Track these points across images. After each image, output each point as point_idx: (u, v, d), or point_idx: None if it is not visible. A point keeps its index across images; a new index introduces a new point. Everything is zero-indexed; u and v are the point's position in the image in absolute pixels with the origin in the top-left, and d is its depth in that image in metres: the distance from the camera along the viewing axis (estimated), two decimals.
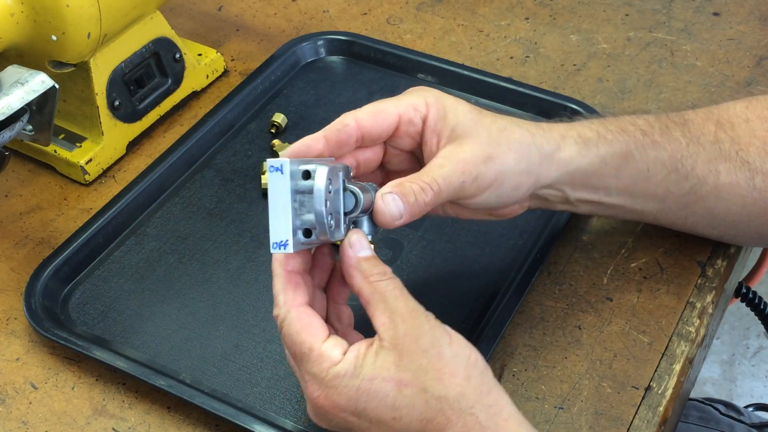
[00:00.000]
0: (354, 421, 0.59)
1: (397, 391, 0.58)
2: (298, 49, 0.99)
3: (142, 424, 0.71)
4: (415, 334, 0.59)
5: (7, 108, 0.74)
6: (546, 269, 0.79)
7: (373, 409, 0.58)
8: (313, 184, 0.57)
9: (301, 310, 0.60)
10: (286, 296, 0.61)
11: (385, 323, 0.59)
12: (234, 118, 0.93)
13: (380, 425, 0.59)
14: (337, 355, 0.59)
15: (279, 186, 0.57)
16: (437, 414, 0.58)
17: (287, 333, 0.60)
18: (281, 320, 0.60)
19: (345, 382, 0.58)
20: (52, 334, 0.74)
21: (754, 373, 1.98)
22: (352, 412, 0.59)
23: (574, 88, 0.96)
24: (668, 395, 0.71)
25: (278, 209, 0.57)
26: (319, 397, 0.59)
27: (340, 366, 0.58)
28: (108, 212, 0.83)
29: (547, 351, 0.74)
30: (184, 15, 1.08)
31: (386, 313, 0.59)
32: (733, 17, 1.05)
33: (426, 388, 0.58)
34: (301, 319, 0.60)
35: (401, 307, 0.59)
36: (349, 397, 0.58)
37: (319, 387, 0.59)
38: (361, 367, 0.58)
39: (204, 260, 0.81)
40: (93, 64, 0.86)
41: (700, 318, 0.76)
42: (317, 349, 0.59)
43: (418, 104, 0.66)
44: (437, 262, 0.79)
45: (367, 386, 0.58)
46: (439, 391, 0.58)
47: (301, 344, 0.59)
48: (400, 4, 1.08)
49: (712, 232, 0.77)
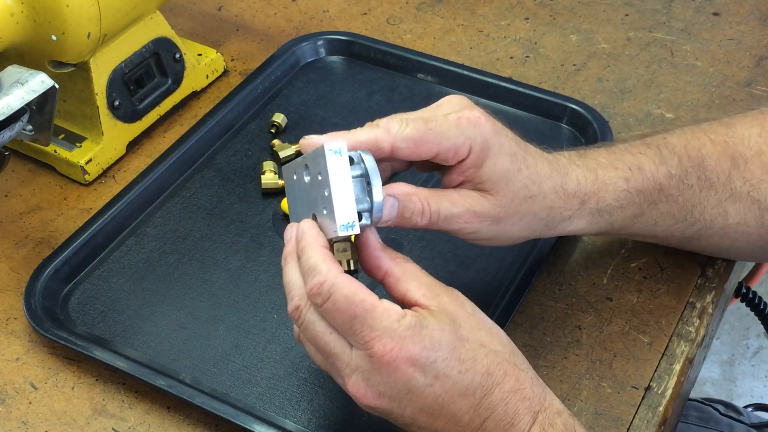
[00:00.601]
0: (417, 379, 0.58)
1: (461, 344, 0.59)
2: (298, 49, 0.99)
3: (142, 424, 0.71)
4: (457, 301, 0.61)
5: (7, 108, 0.74)
6: (546, 269, 0.79)
7: (443, 360, 0.58)
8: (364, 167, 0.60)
9: (348, 277, 0.59)
10: (327, 264, 0.59)
11: (426, 294, 0.60)
12: (234, 118, 0.93)
13: (445, 380, 0.58)
14: (399, 309, 0.59)
15: (339, 168, 0.59)
16: (497, 367, 0.59)
17: (341, 296, 0.58)
18: (329, 285, 0.58)
19: (418, 332, 0.58)
20: (52, 334, 0.74)
21: (754, 373, 1.98)
22: (422, 364, 0.58)
23: (574, 88, 0.96)
24: (668, 395, 0.71)
25: (341, 191, 0.59)
26: (393, 348, 0.57)
27: (409, 318, 0.58)
28: (108, 212, 0.83)
29: (547, 351, 0.74)
30: (184, 15, 1.08)
31: (422, 286, 0.61)
32: (733, 17, 1.05)
33: (484, 343, 0.59)
34: (352, 282, 0.59)
35: (434, 283, 0.62)
36: (423, 346, 0.58)
37: (392, 339, 0.57)
38: (427, 320, 0.59)
39: (204, 260, 0.81)
40: (93, 64, 0.86)
41: (700, 318, 0.76)
42: (381, 305, 0.58)
43: (460, 149, 0.63)
44: (437, 262, 0.79)
45: (438, 336, 0.58)
46: (495, 346, 0.60)
47: (362, 302, 0.58)
48: (400, 4, 1.08)
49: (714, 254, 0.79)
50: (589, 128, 0.89)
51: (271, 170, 0.87)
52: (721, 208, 0.71)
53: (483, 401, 0.59)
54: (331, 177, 0.59)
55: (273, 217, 0.84)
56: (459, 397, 0.59)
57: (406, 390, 0.59)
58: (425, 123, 0.63)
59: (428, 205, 0.63)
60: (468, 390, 0.58)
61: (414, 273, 0.61)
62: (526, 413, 0.59)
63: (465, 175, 0.64)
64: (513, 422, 0.59)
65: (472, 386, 0.58)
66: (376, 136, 0.62)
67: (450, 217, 0.64)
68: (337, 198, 0.59)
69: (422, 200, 0.63)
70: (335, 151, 0.59)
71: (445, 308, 0.60)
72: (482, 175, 0.64)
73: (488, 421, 0.59)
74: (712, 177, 0.71)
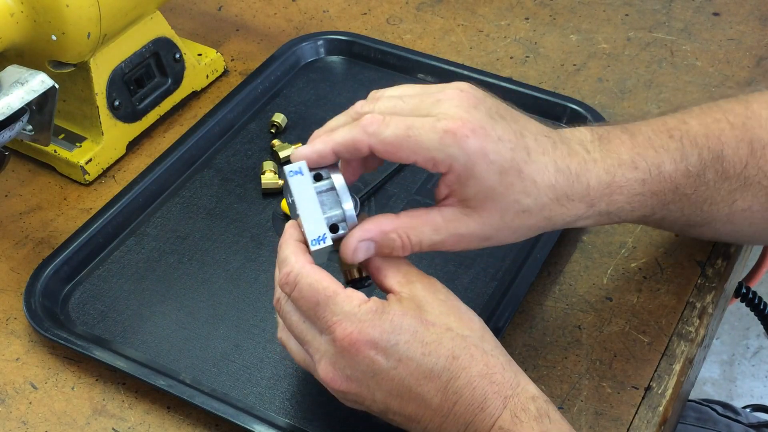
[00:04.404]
0: (380, 362, 0.59)
1: (425, 327, 0.59)
2: (298, 49, 0.99)
3: (142, 424, 0.71)
4: (431, 288, 0.62)
5: (7, 108, 0.74)
6: (546, 269, 0.79)
7: (405, 343, 0.59)
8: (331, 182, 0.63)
9: (314, 265, 0.62)
10: (296, 256, 0.62)
11: (401, 281, 0.62)
12: (234, 118, 0.93)
13: (409, 362, 0.59)
14: (363, 296, 0.60)
15: (302, 187, 0.62)
16: (463, 351, 0.59)
17: (305, 284, 0.60)
18: (296, 274, 0.61)
19: (378, 316, 0.59)
20: (52, 334, 0.74)
21: (753, 373, 1.99)
22: (383, 347, 0.59)
23: (574, 88, 0.96)
24: (668, 395, 0.71)
25: (307, 208, 0.62)
26: (353, 332, 0.59)
27: (370, 304, 0.60)
28: (108, 212, 0.83)
29: (547, 351, 0.74)
30: (184, 15, 1.08)
31: (399, 273, 0.62)
32: (733, 17, 1.05)
33: (451, 327, 0.60)
34: (316, 271, 0.61)
35: (412, 270, 0.63)
36: (383, 329, 0.59)
37: (352, 322, 0.59)
38: (390, 305, 0.60)
39: (204, 260, 0.81)
40: (93, 64, 0.86)
41: (700, 318, 0.76)
42: (343, 292, 0.60)
43: (439, 163, 0.60)
44: (437, 262, 0.79)
45: (399, 320, 0.59)
46: (463, 331, 0.60)
47: (324, 289, 0.60)
48: (400, 4, 1.08)
49: (711, 238, 0.78)
50: None
51: (271, 170, 0.87)
52: (730, 197, 0.69)
53: (449, 385, 0.59)
54: (295, 197, 0.62)
55: (273, 217, 0.84)
56: (425, 380, 0.59)
57: (372, 373, 0.60)
58: (406, 129, 0.60)
59: (408, 240, 0.62)
60: (433, 372, 0.59)
61: (393, 261, 0.63)
62: (495, 398, 0.59)
63: (449, 188, 0.62)
64: (482, 407, 0.59)
65: (436, 369, 0.59)
66: (354, 138, 0.61)
67: (434, 244, 0.63)
68: (303, 216, 0.62)
69: (401, 235, 0.62)
70: (295, 171, 0.62)
71: (415, 294, 0.61)
72: (467, 193, 0.61)
73: (457, 405, 0.59)
74: (729, 169, 0.68)
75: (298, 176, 0.62)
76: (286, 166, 0.62)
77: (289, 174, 0.62)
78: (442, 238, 0.62)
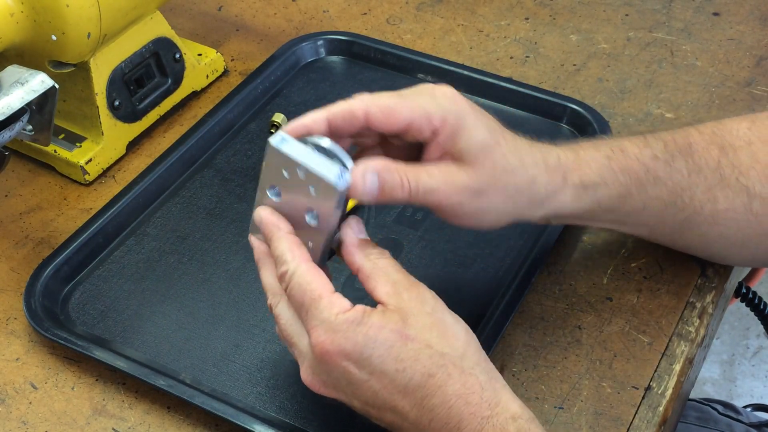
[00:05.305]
0: (354, 373, 0.59)
1: (402, 343, 0.59)
2: (298, 49, 0.99)
3: (142, 424, 0.71)
4: (418, 299, 0.61)
5: (7, 108, 0.74)
6: (546, 269, 0.79)
7: (378, 357, 0.58)
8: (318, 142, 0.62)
9: (311, 264, 0.61)
10: (293, 253, 0.62)
11: (389, 292, 0.61)
12: (234, 118, 0.93)
13: (382, 377, 0.59)
14: (346, 304, 0.60)
15: (295, 148, 0.61)
16: (439, 369, 0.59)
17: (297, 283, 0.60)
18: (291, 273, 0.61)
19: (353, 328, 0.59)
20: (52, 334, 0.74)
21: (754, 373, 1.98)
22: (356, 360, 0.59)
23: (574, 88, 0.96)
24: (668, 395, 0.71)
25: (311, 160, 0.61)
26: (325, 341, 0.59)
27: (350, 313, 0.59)
28: (108, 212, 0.83)
29: (547, 351, 0.74)
30: (184, 15, 1.08)
31: (389, 283, 0.61)
32: (733, 17, 1.05)
33: (431, 344, 0.59)
34: (311, 271, 0.61)
35: (403, 279, 0.61)
36: (356, 342, 0.58)
37: (326, 331, 0.59)
38: (370, 317, 0.59)
39: (204, 260, 0.81)
40: (93, 64, 0.86)
41: (700, 318, 0.76)
42: (327, 296, 0.60)
43: (433, 117, 0.63)
44: (437, 262, 0.79)
45: (375, 333, 0.58)
46: (443, 348, 0.59)
47: (312, 291, 0.60)
48: (400, 4, 1.08)
49: (703, 253, 0.78)
50: (589, 128, 0.89)
51: None
52: (711, 194, 0.70)
53: (424, 402, 0.59)
54: (295, 156, 0.61)
55: None
56: (399, 395, 0.59)
57: (346, 381, 0.60)
58: (399, 94, 0.64)
59: (407, 179, 0.62)
60: (407, 389, 0.59)
61: (384, 269, 0.62)
62: (471, 419, 0.58)
63: (442, 147, 0.63)
64: (459, 427, 0.58)
65: (410, 385, 0.59)
66: (350, 104, 0.63)
67: (429, 189, 0.63)
68: (312, 165, 0.60)
69: (401, 173, 0.62)
70: (281, 139, 0.61)
71: (402, 306, 0.60)
72: (459, 146, 0.63)
73: (433, 422, 0.59)
74: (700, 162, 0.70)
75: (286, 142, 0.61)
76: (270, 138, 0.61)
77: (278, 143, 0.61)
78: (437, 183, 0.63)
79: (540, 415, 0.69)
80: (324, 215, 0.62)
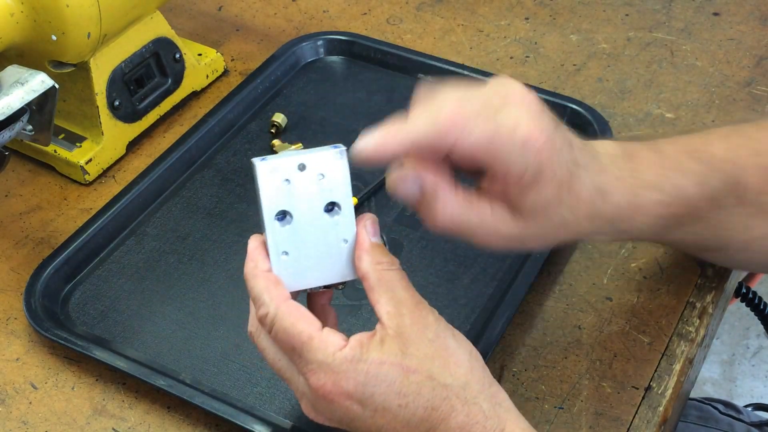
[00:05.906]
0: (357, 411, 0.58)
1: (404, 377, 0.57)
2: (298, 49, 0.99)
3: (142, 424, 0.71)
4: (420, 324, 0.58)
5: (7, 108, 0.74)
6: (546, 269, 0.79)
7: (380, 395, 0.57)
8: None
9: (290, 303, 0.59)
10: (270, 294, 0.59)
11: (391, 312, 0.58)
12: (234, 118, 0.93)
13: (385, 413, 0.58)
14: (340, 341, 0.58)
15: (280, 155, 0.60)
16: (443, 402, 0.58)
17: (280, 328, 0.58)
18: (271, 317, 0.58)
19: (353, 366, 0.57)
20: (52, 334, 0.74)
21: (754, 373, 1.98)
22: (358, 399, 0.57)
23: (574, 88, 0.96)
24: (668, 395, 0.71)
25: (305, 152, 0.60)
26: (326, 383, 0.57)
27: (347, 351, 0.57)
28: (108, 212, 0.83)
29: (547, 351, 0.74)
30: (184, 15, 1.08)
31: (392, 302, 0.59)
32: (733, 17, 1.05)
33: (433, 376, 0.58)
34: (292, 312, 0.58)
35: (407, 299, 0.59)
36: (357, 382, 0.57)
37: (326, 373, 0.57)
38: (368, 352, 0.57)
39: (204, 260, 0.81)
40: (93, 64, 0.86)
41: (700, 318, 0.76)
42: (318, 336, 0.57)
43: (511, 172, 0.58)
44: (437, 262, 0.79)
45: (376, 370, 0.57)
46: (446, 379, 0.58)
47: (299, 334, 0.57)
48: (400, 4, 1.08)
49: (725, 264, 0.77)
50: (589, 128, 0.89)
51: None
52: (747, 223, 0.68)
53: None
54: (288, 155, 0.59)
55: None
56: (403, 428, 0.58)
57: (350, 419, 0.59)
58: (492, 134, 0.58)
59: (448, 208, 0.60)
60: (410, 423, 0.58)
61: (389, 284, 0.59)
62: None
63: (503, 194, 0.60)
64: None
65: (414, 420, 0.58)
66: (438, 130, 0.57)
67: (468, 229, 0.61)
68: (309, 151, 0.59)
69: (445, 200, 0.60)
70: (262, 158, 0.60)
71: (402, 333, 0.58)
72: (523, 201, 0.60)
73: None
74: (746, 195, 0.67)
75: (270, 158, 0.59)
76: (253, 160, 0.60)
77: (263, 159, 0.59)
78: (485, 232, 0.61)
79: (540, 415, 0.70)
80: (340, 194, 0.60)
